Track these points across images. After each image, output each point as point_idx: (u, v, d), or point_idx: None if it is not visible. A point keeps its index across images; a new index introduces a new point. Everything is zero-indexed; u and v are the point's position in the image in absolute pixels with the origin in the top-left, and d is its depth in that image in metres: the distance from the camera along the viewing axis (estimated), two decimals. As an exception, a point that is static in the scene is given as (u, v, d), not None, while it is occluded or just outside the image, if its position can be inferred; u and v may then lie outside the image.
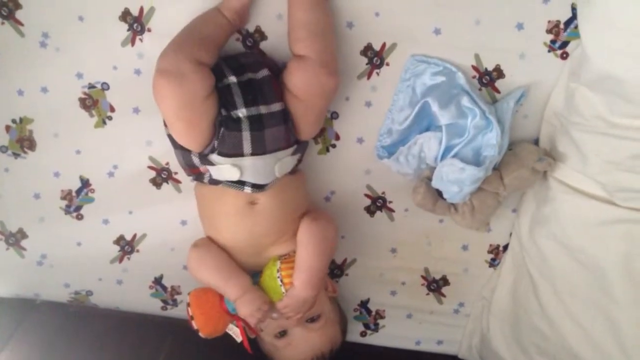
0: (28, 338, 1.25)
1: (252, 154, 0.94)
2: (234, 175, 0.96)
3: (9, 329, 1.25)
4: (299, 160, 1.04)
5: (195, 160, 0.97)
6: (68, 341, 1.25)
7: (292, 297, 1.01)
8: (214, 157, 0.95)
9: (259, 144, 0.94)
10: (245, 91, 0.93)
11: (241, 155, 0.94)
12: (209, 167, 0.97)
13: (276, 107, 0.94)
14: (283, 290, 1.01)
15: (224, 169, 0.96)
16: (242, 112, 0.93)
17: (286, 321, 1.04)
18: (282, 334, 1.07)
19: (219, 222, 1.03)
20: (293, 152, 1.00)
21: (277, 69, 0.99)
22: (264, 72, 0.95)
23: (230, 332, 1.04)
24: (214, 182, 0.99)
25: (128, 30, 1.01)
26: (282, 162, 0.98)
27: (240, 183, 0.97)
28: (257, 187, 0.98)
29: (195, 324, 1.03)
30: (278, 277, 1.01)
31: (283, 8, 0.96)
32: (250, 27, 1.00)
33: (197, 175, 1.01)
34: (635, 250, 0.93)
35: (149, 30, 1.00)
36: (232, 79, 0.94)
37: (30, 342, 1.24)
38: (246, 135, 0.93)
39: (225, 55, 0.99)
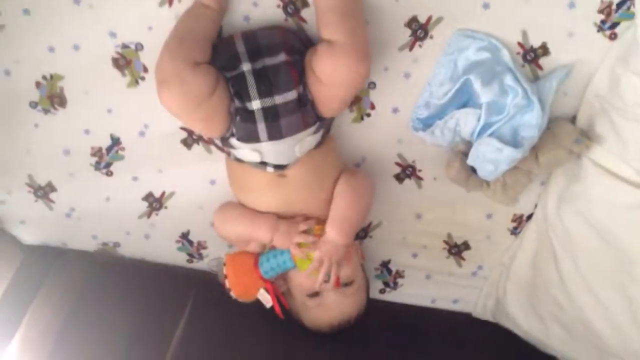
0: (58, 285, 1.27)
1: (270, 140, 0.95)
2: (255, 158, 0.98)
3: (38, 276, 1.28)
4: (325, 134, 1.04)
5: (217, 142, 1.01)
6: (96, 291, 1.27)
7: (324, 243, 1.02)
8: (234, 141, 0.97)
9: (276, 132, 0.95)
10: (259, 80, 0.93)
11: (258, 141, 0.95)
12: (231, 150, 0.99)
13: (292, 95, 0.94)
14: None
15: (244, 152, 0.98)
16: (255, 104, 0.93)
17: (323, 284, 1.06)
18: (315, 294, 1.09)
19: (250, 194, 1.05)
20: (315, 131, 0.99)
21: (302, 47, 0.97)
22: (280, 57, 0.93)
23: (261, 298, 1.08)
24: (239, 160, 1.01)
25: (166, -10, 0.97)
26: (302, 142, 0.98)
27: (263, 163, 0.99)
28: (280, 167, 1.00)
29: (227, 283, 1.06)
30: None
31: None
32: (293, -6, 0.97)
33: (224, 152, 1.04)
34: (662, 235, 0.96)
35: (189, -10, 0.97)
36: (247, 66, 0.93)
37: (60, 289, 1.26)
38: (261, 126, 0.94)
39: (245, 31, 0.98)
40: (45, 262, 1.30)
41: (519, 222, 1.23)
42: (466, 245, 1.28)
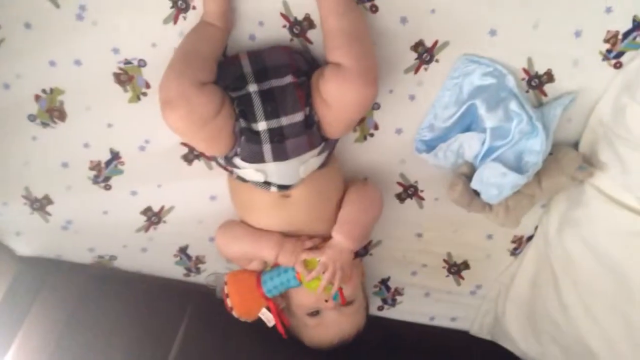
0: (53, 298, 1.25)
1: (275, 161, 0.95)
2: (259, 178, 0.97)
3: (33, 288, 1.26)
4: (329, 155, 1.03)
5: (221, 161, 1.00)
6: (91, 304, 1.26)
7: (330, 247, 1.02)
8: (238, 161, 0.96)
9: (281, 153, 0.94)
10: (265, 102, 0.92)
11: (263, 162, 0.95)
12: (234, 169, 0.98)
13: (298, 116, 0.93)
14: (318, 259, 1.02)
15: (248, 172, 0.97)
16: (262, 126, 0.92)
17: (324, 304, 1.06)
18: (315, 313, 1.09)
19: (253, 213, 1.05)
20: (319, 152, 0.99)
21: (308, 68, 0.96)
22: (287, 79, 0.93)
23: (263, 317, 1.07)
24: (242, 179, 1.00)
25: (172, 7, 0.96)
26: (307, 163, 0.98)
27: (266, 183, 0.98)
28: (283, 187, 0.99)
29: (229, 302, 1.05)
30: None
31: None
32: (300, 15, 0.96)
33: (227, 171, 1.03)
34: (661, 261, 0.96)
35: (194, 8, 0.96)
36: (253, 87, 0.92)
37: (55, 302, 1.25)
38: (267, 147, 0.93)
39: (251, 50, 0.97)
40: (40, 274, 1.27)
41: (519, 243, 1.24)
42: (466, 265, 1.28)
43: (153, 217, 1.20)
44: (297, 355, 1.18)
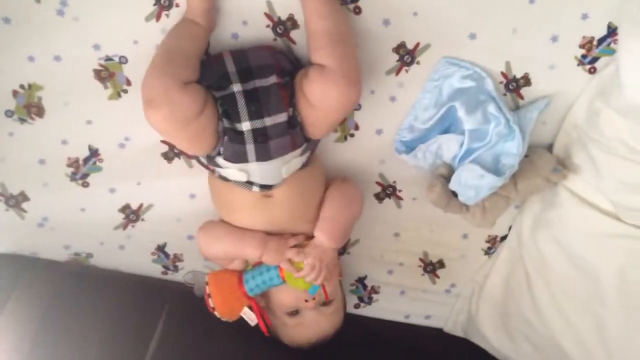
0: (27, 296, 1.24)
1: (258, 161, 0.95)
2: (241, 178, 0.98)
3: (8, 286, 1.24)
4: (311, 155, 1.04)
5: (203, 160, 1.00)
6: (67, 302, 1.25)
7: (313, 247, 1.03)
8: (220, 160, 0.97)
9: (264, 153, 0.95)
10: (249, 101, 0.92)
11: (246, 162, 0.95)
12: (217, 168, 0.98)
13: (282, 117, 0.94)
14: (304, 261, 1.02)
15: (230, 172, 0.97)
16: (245, 126, 0.92)
17: (303, 303, 1.07)
18: (295, 313, 1.09)
19: (235, 212, 1.04)
20: (302, 152, 1.00)
21: (291, 68, 0.97)
22: (272, 79, 0.93)
23: (245, 316, 1.07)
24: (224, 178, 1.00)
25: (154, 4, 0.96)
26: (289, 164, 0.98)
27: (249, 183, 0.98)
28: (266, 187, 0.99)
29: (211, 302, 1.05)
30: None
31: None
32: (283, 15, 0.97)
33: (208, 170, 1.03)
34: (632, 263, 0.99)
35: (177, 5, 0.96)
36: (237, 86, 0.92)
37: (29, 300, 1.23)
38: (250, 147, 0.94)
39: (234, 50, 0.97)
40: (16, 271, 1.26)
41: (493, 243, 1.26)
42: (441, 264, 1.30)
43: (131, 215, 1.19)
44: (277, 352, 1.19)
